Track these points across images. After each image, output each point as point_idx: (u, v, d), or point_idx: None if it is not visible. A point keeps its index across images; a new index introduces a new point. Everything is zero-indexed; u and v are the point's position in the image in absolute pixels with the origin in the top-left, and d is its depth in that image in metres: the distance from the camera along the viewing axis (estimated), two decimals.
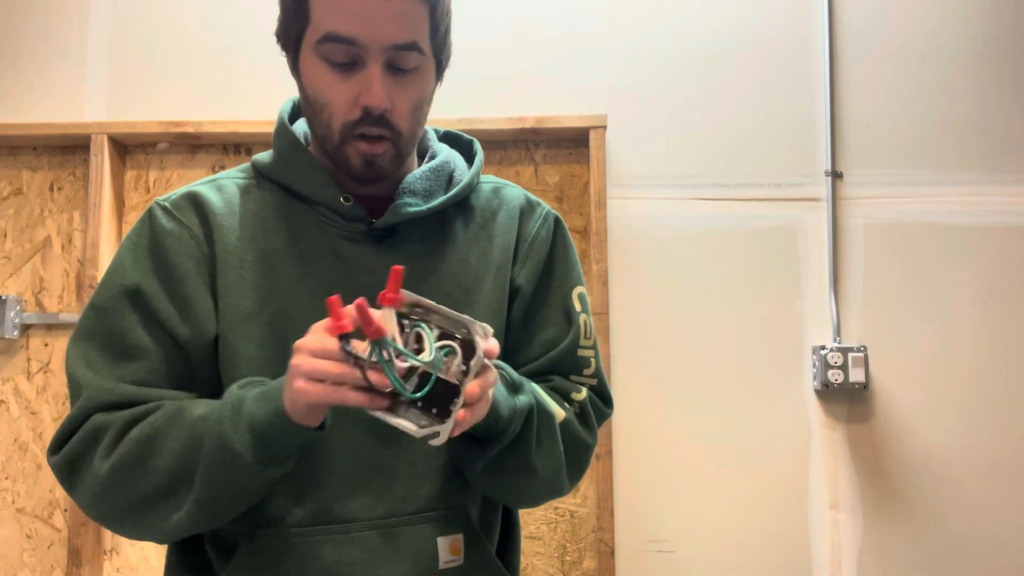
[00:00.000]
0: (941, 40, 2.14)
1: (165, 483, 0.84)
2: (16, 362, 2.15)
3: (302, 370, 0.76)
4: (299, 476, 0.90)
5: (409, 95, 0.91)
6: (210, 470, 0.82)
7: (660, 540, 2.04)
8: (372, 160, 0.91)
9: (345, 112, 0.90)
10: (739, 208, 2.11)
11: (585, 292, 1.06)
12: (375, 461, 0.91)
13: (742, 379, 2.07)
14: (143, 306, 0.91)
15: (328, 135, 0.92)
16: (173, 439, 0.84)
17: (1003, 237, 2.09)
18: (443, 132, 1.09)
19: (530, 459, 0.93)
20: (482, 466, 0.92)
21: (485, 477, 0.94)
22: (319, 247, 0.94)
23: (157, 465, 0.84)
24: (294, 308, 0.92)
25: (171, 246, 0.93)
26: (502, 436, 0.89)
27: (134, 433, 0.85)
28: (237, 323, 0.91)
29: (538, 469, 0.94)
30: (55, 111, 2.19)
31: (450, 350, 0.77)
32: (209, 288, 0.93)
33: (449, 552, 0.92)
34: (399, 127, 0.91)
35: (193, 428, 0.83)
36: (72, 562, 2.02)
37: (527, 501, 1.00)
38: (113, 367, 0.90)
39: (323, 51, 0.88)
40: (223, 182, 0.99)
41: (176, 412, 0.86)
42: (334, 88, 0.89)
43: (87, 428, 0.88)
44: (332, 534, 0.89)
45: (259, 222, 0.95)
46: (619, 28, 2.17)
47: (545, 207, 1.07)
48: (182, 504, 0.84)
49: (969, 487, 2.03)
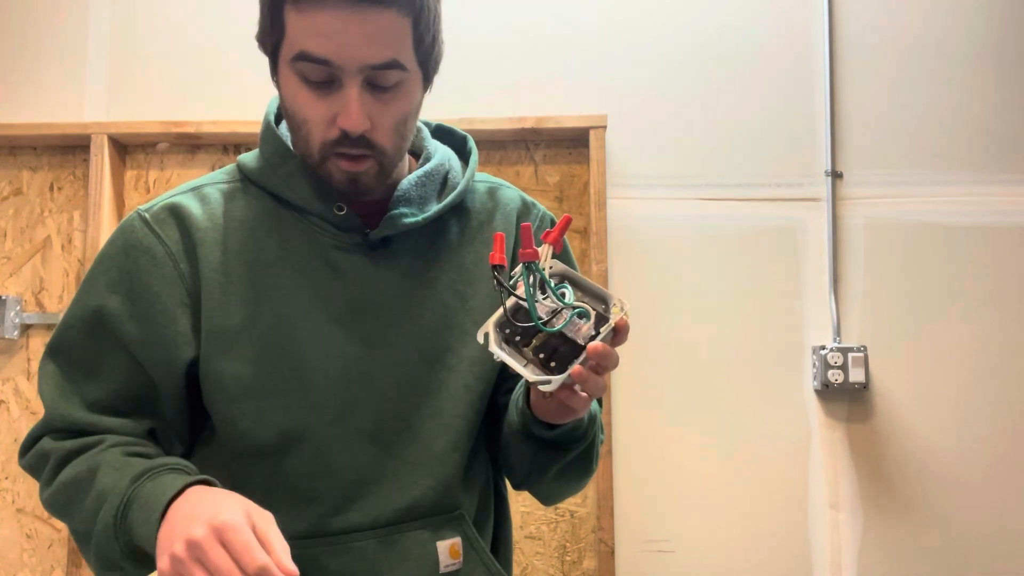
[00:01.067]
0: (941, 40, 2.14)
1: (82, 536, 0.86)
2: (16, 362, 2.15)
3: (208, 564, 0.69)
4: (300, 490, 0.89)
5: (391, 112, 0.86)
6: (97, 561, 0.84)
7: (660, 540, 2.04)
8: (355, 178, 0.88)
9: (323, 131, 0.86)
10: (739, 208, 2.11)
11: None
12: (372, 471, 0.91)
13: (742, 379, 2.06)
14: (108, 328, 0.89)
15: (308, 152, 0.88)
16: (84, 496, 0.84)
17: (1003, 237, 2.09)
18: (435, 126, 1.05)
19: (592, 463, 0.96)
20: (555, 472, 0.94)
21: (549, 482, 0.97)
22: (312, 258, 0.91)
23: (74, 515, 0.86)
24: (287, 321, 0.89)
25: (144, 264, 0.89)
26: (581, 441, 0.92)
27: (64, 475, 0.87)
28: (224, 343, 0.88)
29: (593, 472, 0.98)
30: (55, 111, 2.19)
31: (584, 311, 0.77)
32: (188, 307, 0.89)
33: (449, 556, 0.92)
34: (381, 145, 0.87)
35: (98, 498, 0.83)
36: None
37: (560, 500, 1.04)
38: (75, 388, 0.89)
39: (298, 68, 0.84)
40: (207, 190, 0.94)
41: (95, 468, 0.85)
42: (311, 107, 0.85)
43: (36, 449, 0.91)
44: (333, 545, 0.89)
45: (247, 232, 0.91)
46: (619, 28, 2.17)
47: (541, 208, 1.05)
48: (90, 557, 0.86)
49: (969, 487, 2.03)
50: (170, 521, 0.75)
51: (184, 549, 0.70)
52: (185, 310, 0.89)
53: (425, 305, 0.93)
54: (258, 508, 0.75)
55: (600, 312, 0.78)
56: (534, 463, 0.95)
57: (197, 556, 0.70)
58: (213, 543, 0.69)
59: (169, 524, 0.75)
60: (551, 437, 0.91)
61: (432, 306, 0.93)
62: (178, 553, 0.70)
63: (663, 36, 2.16)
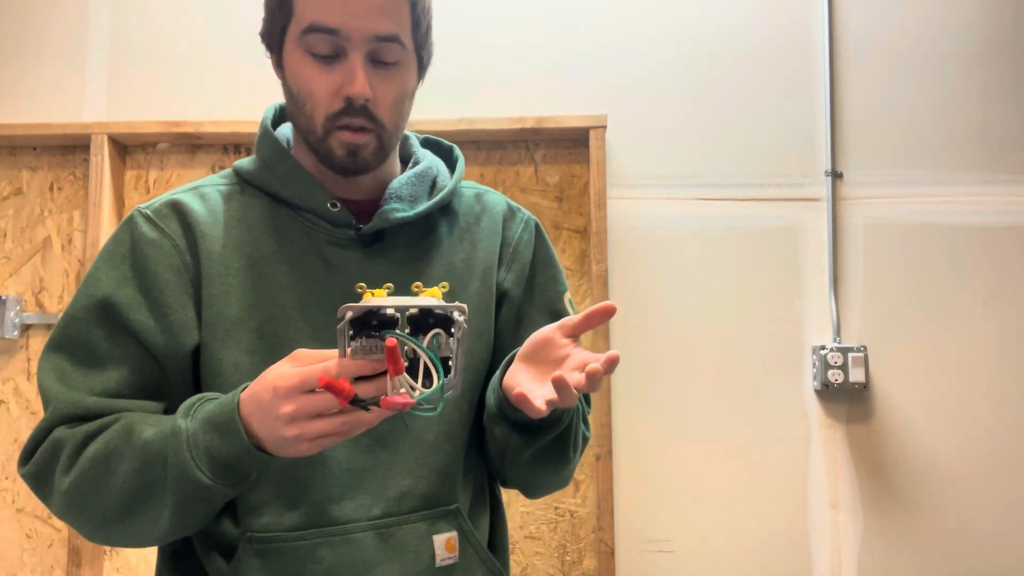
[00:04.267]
0: (941, 40, 2.14)
1: (124, 503, 0.84)
2: (16, 362, 2.15)
3: (306, 437, 0.75)
4: (293, 481, 0.90)
5: (391, 88, 0.92)
6: (182, 502, 0.82)
7: (660, 540, 2.04)
8: (355, 150, 0.92)
9: (328, 103, 0.91)
10: (739, 208, 2.11)
11: (571, 297, 1.10)
12: (369, 463, 0.92)
13: (742, 379, 2.06)
14: (116, 317, 0.91)
15: (311, 127, 0.93)
16: (126, 460, 0.84)
17: (1003, 237, 2.09)
18: (423, 138, 1.11)
19: (568, 451, 0.96)
20: (528, 456, 0.94)
21: (523, 467, 0.96)
22: (307, 253, 0.95)
23: (112, 485, 0.84)
24: (283, 314, 0.92)
25: (151, 255, 0.93)
26: (556, 425, 0.92)
27: (89, 451, 0.86)
28: (223, 331, 0.91)
29: (571, 462, 0.98)
30: (55, 111, 2.19)
31: (436, 335, 0.76)
32: (192, 298, 0.92)
33: (445, 550, 0.94)
34: (381, 119, 0.92)
35: (144, 451, 0.83)
36: (72, 562, 2.02)
37: (542, 493, 1.05)
38: (83, 377, 0.90)
39: (306, 43, 0.90)
40: (205, 189, 0.99)
41: (127, 431, 0.85)
42: (317, 79, 0.90)
43: (49, 442, 0.89)
44: (328, 536, 0.90)
45: (245, 229, 0.95)
46: (619, 28, 2.17)
47: (526, 213, 1.10)
48: (152, 521, 0.85)
49: (969, 487, 2.03)
50: (252, 416, 0.78)
51: (287, 424, 0.75)
52: (189, 299, 0.92)
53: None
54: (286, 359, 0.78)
55: (438, 316, 0.76)
56: (508, 446, 0.95)
57: (295, 418, 0.74)
58: (296, 397, 0.74)
59: (254, 419, 0.78)
60: (523, 419, 0.91)
61: None
62: (286, 432, 0.75)
63: (663, 36, 2.16)
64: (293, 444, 0.76)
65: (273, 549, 0.89)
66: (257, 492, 0.90)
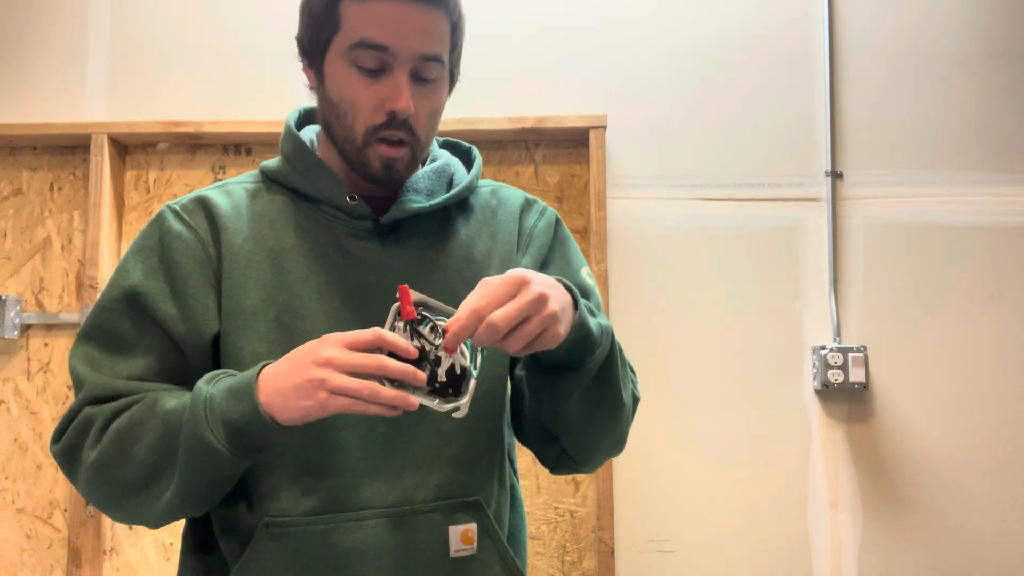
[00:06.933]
0: (941, 40, 2.14)
1: (145, 472, 0.88)
2: (16, 362, 2.15)
3: (329, 384, 0.79)
4: (310, 466, 0.92)
5: (428, 103, 0.97)
6: (189, 463, 0.85)
7: (660, 540, 2.04)
8: (391, 163, 0.96)
9: (370, 115, 0.94)
10: (739, 208, 2.11)
11: (590, 270, 1.10)
12: (386, 450, 0.94)
13: (742, 379, 2.07)
14: (143, 306, 0.95)
15: (351, 137, 0.96)
16: (149, 429, 0.88)
17: (1003, 237, 2.09)
18: (442, 140, 1.13)
19: (619, 388, 0.96)
20: (578, 396, 0.93)
21: (578, 411, 0.95)
22: (326, 244, 0.98)
23: (135, 455, 0.88)
24: (301, 304, 0.95)
25: (177, 247, 0.97)
26: (594, 351, 0.91)
27: (116, 424, 0.90)
28: (242, 320, 0.94)
29: (625, 406, 0.98)
30: (55, 111, 2.19)
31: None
32: (214, 288, 0.96)
33: (460, 541, 0.94)
34: (418, 133, 0.96)
35: (165, 420, 0.87)
36: (72, 562, 2.02)
37: (602, 449, 1.01)
38: (112, 363, 0.94)
39: (353, 56, 0.93)
40: (232, 187, 1.03)
41: (152, 403, 0.90)
42: (361, 92, 0.94)
43: (79, 419, 0.93)
44: (343, 522, 0.91)
45: (267, 223, 0.99)
46: (619, 28, 2.17)
47: (542, 204, 1.12)
48: (164, 491, 0.88)
49: (969, 486, 2.03)
50: (271, 383, 0.82)
51: (319, 366, 0.80)
52: (212, 290, 0.96)
53: (433, 290, 0.96)
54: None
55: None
56: (556, 394, 0.95)
57: (326, 376, 0.79)
58: (341, 348, 0.80)
59: (272, 384, 0.82)
60: (560, 357, 0.91)
61: (439, 291, 0.96)
62: (314, 372, 0.80)
63: (663, 36, 2.16)
64: (312, 389, 0.79)
65: (289, 533, 0.91)
66: (274, 477, 0.92)
